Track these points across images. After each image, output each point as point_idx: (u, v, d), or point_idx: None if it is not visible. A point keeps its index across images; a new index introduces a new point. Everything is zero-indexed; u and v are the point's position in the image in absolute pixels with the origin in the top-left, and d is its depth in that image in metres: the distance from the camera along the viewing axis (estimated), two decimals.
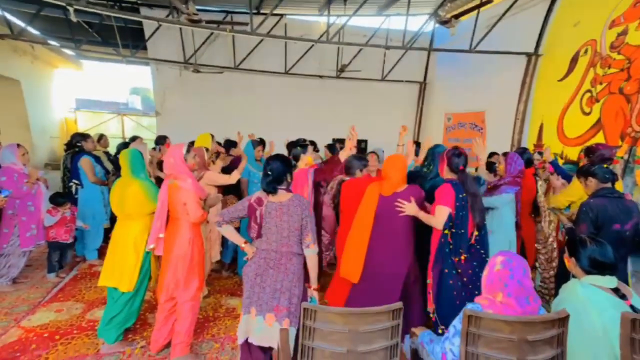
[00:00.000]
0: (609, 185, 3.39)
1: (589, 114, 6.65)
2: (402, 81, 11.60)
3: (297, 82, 11.12)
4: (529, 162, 5.02)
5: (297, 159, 4.17)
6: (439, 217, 3.14)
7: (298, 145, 4.38)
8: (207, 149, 4.65)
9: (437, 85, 11.37)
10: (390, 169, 3.45)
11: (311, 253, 2.88)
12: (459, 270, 3.12)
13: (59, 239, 5.03)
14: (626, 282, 3.36)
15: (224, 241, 5.17)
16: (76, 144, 5.78)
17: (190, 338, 3.36)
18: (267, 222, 2.86)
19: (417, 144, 4.73)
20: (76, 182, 5.61)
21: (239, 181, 4.98)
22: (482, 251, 3.21)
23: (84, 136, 5.87)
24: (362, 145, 10.75)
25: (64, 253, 5.23)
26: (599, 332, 2.12)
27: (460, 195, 3.14)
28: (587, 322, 2.15)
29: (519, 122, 8.11)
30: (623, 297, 2.22)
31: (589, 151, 4.43)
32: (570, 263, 2.44)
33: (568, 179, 4.61)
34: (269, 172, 2.88)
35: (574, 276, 2.44)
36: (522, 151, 5.06)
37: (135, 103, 20.84)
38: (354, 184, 3.91)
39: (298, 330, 2.55)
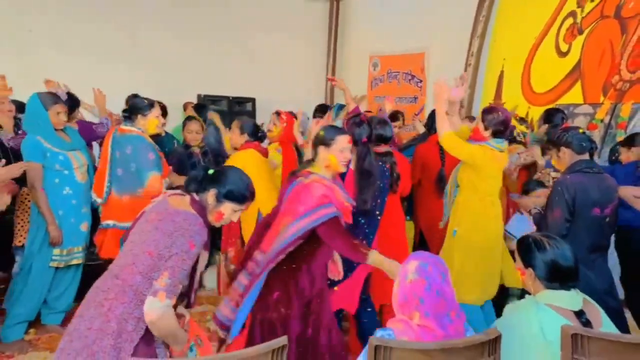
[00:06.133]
0: (586, 156, 2.80)
1: (566, 53, 5.09)
2: None
3: None
4: None
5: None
6: None
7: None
8: None
9: (359, 7, 7.63)
10: None
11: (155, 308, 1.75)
12: None
13: None
14: (610, 285, 2.82)
15: None
16: None
17: None
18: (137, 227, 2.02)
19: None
20: None
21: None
22: None
23: None
24: (243, 107, 6.81)
25: None
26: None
27: None
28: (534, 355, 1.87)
29: (471, 69, 5.96)
30: (587, 323, 1.88)
31: (549, 116, 3.87)
32: (526, 277, 2.06)
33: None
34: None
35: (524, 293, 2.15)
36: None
37: None
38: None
39: None
